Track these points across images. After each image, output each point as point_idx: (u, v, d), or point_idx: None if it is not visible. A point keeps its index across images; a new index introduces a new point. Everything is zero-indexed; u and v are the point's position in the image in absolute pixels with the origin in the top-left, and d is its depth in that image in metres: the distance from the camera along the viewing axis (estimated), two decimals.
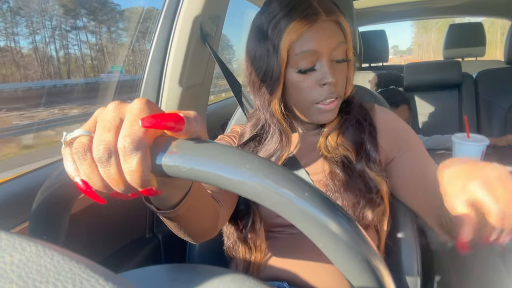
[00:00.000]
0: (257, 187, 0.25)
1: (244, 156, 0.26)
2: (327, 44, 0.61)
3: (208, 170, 0.26)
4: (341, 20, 0.63)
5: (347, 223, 0.24)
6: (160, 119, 0.27)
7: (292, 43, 0.60)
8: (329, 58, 0.62)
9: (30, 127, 1.57)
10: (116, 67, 1.90)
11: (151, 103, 0.30)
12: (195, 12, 1.03)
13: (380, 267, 0.25)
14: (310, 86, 0.63)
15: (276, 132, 0.68)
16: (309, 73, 0.62)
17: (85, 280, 0.17)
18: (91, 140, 0.29)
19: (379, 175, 0.67)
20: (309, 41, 0.60)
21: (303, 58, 0.61)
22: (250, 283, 0.35)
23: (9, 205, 0.63)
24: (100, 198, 0.31)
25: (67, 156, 0.30)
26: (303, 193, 0.24)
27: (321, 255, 0.25)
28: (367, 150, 0.67)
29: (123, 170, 0.28)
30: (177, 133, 0.28)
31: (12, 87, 1.84)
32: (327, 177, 0.67)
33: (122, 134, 0.28)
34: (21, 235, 0.19)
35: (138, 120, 0.28)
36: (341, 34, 0.63)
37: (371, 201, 0.65)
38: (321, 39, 0.60)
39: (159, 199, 0.40)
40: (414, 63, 2.41)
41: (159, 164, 0.28)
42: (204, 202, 0.49)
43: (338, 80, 0.63)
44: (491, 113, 2.01)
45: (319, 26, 0.60)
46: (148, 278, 0.39)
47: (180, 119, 0.28)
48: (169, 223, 0.45)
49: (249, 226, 0.68)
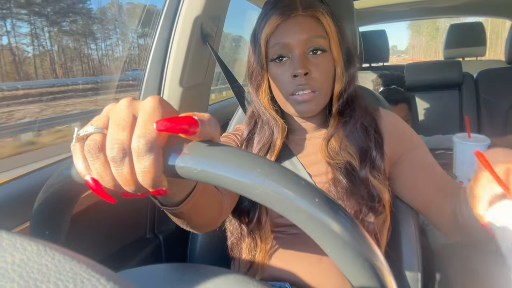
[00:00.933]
0: (268, 191, 0.25)
1: (256, 160, 0.26)
2: (299, 37, 0.63)
3: (219, 172, 0.26)
4: (319, 15, 0.64)
5: (355, 230, 0.25)
6: (174, 122, 0.27)
7: (268, 36, 0.65)
8: (302, 51, 0.63)
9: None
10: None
11: (164, 102, 0.29)
12: (196, 12, 1.03)
13: (383, 269, 0.25)
14: (285, 78, 0.65)
15: (266, 121, 0.71)
16: (285, 66, 0.65)
17: (86, 280, 0.17)
18: (105, 137, 0.29)
19: (382, 183, 0.66)
20: (282, 33, 0.63)
21: (276, 51, 0.64)
22: (252, 283, 0.35)
23: (11, 205, 0.63)
24: (110, 196, 0.30)
25: (77, 153, 0.30)
26: (314, 199, 0.25)
27: (322, 255, 0.26)
28: (372, 158, 0.67)
29: (135, 170, 0.28)
30: (191, 136, 0.28)
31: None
32: (330, 183, 0.67)
33: (136, 134, 0.28)
34: (22, 235, 0.19)
35: (152, 120, 0.28)
36: (318, 28, 0.64)
37: (373, 209, 0.65)
38: (293, 32, 0.63)
39: (164, 196, 0.40)
40: (415, 63, 2.41)
41: (171, 165, 0.28)
42: (208, 198, 0.49)
43: (312, 72, 0.63)
44: (492, 113, 2.01)
45: (293, 20, 0.63)
46: (149, 278, 0.39)
47: (194, 122, 0.28)
48: (172, 217, 0.45)
49: (255, 220, 0.68)
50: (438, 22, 39.40)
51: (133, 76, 2.52)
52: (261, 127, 0.72)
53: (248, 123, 0.75)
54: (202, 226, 0.53)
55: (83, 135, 0.29)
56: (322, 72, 0.64)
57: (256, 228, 0.68)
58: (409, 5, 2.46)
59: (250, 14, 2.38)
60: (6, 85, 2.21)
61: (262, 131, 0.72)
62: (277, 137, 0.70)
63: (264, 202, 0.26)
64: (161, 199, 0.41)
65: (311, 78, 0.63)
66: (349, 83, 0.69)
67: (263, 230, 0.68)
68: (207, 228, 0.55)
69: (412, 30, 40.33)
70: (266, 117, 0.71)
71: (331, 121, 0.70)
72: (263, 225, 0.68)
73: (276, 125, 0.70)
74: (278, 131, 0.70)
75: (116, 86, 2.54)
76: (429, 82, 2.10)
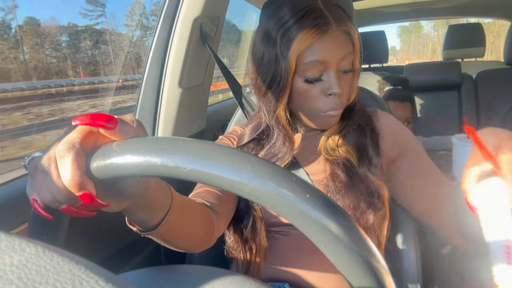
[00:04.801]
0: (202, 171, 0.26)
1: (175, 141, 0.27)
2: (336, 55, 0.60)
3: (130, 162, 0.27)
4: (350, 30, 0.62)
5: (348, 225, 0.24)
6: (91, 117, 0.30)
7: (301, 53, 0.60)
8: (336, 69, 0.61)
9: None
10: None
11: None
12: (195, 13, 1.03)
13: (381, 269, 0.24)
14: (316, 95, 0.62)
15: (281, 136, 0.67)
16: (316, 83, 0.62)
17: (84, 281, 0.17)
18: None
19: (380, 179, 0.66)
20: (318, 51, 0.59)
21: (311, 68, 0.61)
22: (251, 284, 0.35)
23: (9, 206, 0.63)
24: (48, 214, 0.32)
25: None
26: (304, 194, 0.24)
27: (321, 255, 0.25)
28: (369, 155, 0.67)
29: (60, 174, 0.30)
30: (110, 133, 0.30)
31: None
32: (328, 178, 0.67)
33: (60, 142, 0.30)
34: (20, 236, 0.19)
35: (76, 132, 0.30)
36: (350, 44, 0.62)
37: (372, 205, 0.65)
38: (330, 50, 0.60)
39: (139, 221, 0.41)
40: (414, 63, 2.41)
41: (94, 164, 0.29)
42: (190, 219, 0.49)
43: (344, 90, 0.63)
44: (491, 114, 2.00)
45: (329, 36, 0.59)
46: (148, 279, 0.39)
47: (111, 118, 0.30)
48: (156, 240, 0.45)
49: (249, 227, 0.68)
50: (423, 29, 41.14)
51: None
52: (273, 144, 0.69)
53: (253, 131, 0.72)
54: (191, 246, 0.53)
55: (29, 161, 0.33)
56: (348, 89, 0.65)
57: (251, 234, 0.68)
58: (409, 6, 2.47)
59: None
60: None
61: (272, 146, 0.69)
62: (288, 156, 0.67)
63: (229, 189, 0.26)
64: (138, 225, 0.42)
65: (342, 95, 0.63)
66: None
67: (258, 236, 0.68)
68: (198, 248, 0.55)
69: (402, 32, 42.11)
70: (280, 132, 0.68)
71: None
72: (258, 232, 0.68)
73: (288, 142, 0.68)
74: (290, 151, 0.67)
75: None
76: (428, 83, 2.10)
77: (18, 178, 0.70)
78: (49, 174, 0.30)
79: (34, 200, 0.31)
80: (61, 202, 0.31)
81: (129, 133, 0.31)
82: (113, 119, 0.30)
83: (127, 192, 0.35)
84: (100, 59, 7.18)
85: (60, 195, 0.30)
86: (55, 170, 0.30)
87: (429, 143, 1.81)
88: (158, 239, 0.45)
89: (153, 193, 0.38)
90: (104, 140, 0.31)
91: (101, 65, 6.53)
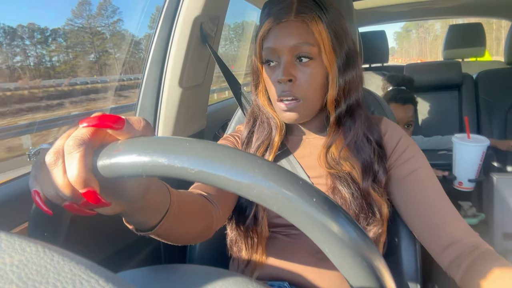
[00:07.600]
0: (204, 171, 0.26)
1: (182, 142, 0.27)
2: (285, 42, 0.62)
3: (139, 161, 0.27)
4: (309, 21, 0.61)
5: (354, 230, 0.24)
6: (99, 118, 0.30)
7: (261, 39, 0.65)
8: (289, 57, 0.62)
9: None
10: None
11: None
12: (195, 12, 1.03)
13: (382, 270, 0.25)
14: (272, 82, 0.65)
15: (265, 119, 0.72)
16: (274, 70, 0.65)
17: (85, 281, 0.17)
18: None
19: (382, 196, 0.66)
20: (272, 38, 0.64)
21: (268, 54, 0.65)
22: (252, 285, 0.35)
23: (10, 205, 0.63)
24: (48, 209, 0.31)
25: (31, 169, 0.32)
26: (311, 198, 0.24)
27: (321, 255, 0.26)
28: (374, 171, 0.66)
29: (66, 169, 0.30)
30: (117, 133, 0.30)
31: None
32: (329, 192, 0.66)
33: (69, 137, 0.30)
34: (21, 236, 0.19)
35: (86, 128, 0.30)
36: (307, 35, 0.62)
37: (372, 222, 0.64)
38: (280, 37, 0.63)
39: (135, 223, 0.42)
40: (414, 63, 2.41)
41: (101, 163, 0.29)
42: (188, 217, 0.49)
43: (297, 80, 0.63)
44: (491, 114, 2.00)
45: (284, 25, 0.62)
46: (148, 279, 0.39)
47: (119, 119, 0.30)
48: (154, 237, 0.45)
49: (251, 216, 0.68)
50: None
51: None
52: (260, 125, 0.73)
53: (248, 121, 0.76)
54: (190, 239, 0.54)
55: (34, 152, 0.33)
56: (308, 80, 0.63)
57: (253, 224, 0.68)
58: (409, 6, 2.46)
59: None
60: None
61: (260, 128, 0.72)
62: (276, 134, 0.70)
63: (228, 189, 0.26)
64: (135, 225, 0.42)
65: (296, 85, 0.63)
66: (349, 91, 0.66)
67: (259, 226, 0.68)
68: (196, 240, 0.56)
69: (397, 34, 44.33)
70: (264, 115, 0.72)
71: (329, 129, 0.68)
72: (260, 221, 0.68)
73: (274, 123, 0.70)
74: (277, 129, 0.70)
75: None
76: (429, 82, 2.10)
77: (18, 177, 0.70)
78: (55, 169, 0.30)
79: (36, 193, 0.31)
80: (64, 198, 0.31)
81: (136, 132, 0.31)
82: (120, 120, 0.30)
83: (125, 195, 0.35)
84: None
85: (64, 191, 0.30)
86: (62, 165, 0.30)
87: (429, 143, 1.82)
88: (155, 237, 0.45)
89: (151, 198, 0.38)
90: (111, 138, 0.31)
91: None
